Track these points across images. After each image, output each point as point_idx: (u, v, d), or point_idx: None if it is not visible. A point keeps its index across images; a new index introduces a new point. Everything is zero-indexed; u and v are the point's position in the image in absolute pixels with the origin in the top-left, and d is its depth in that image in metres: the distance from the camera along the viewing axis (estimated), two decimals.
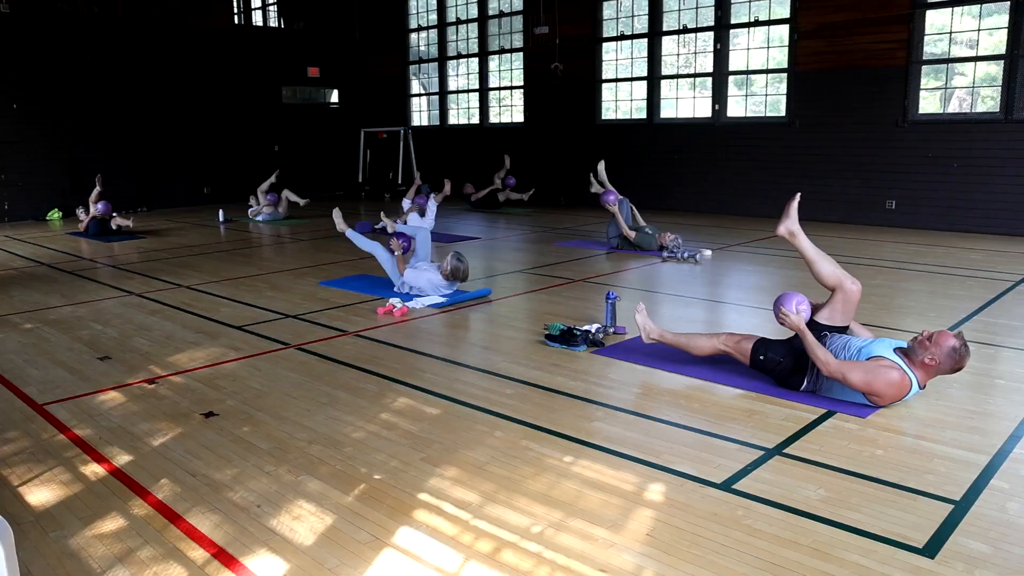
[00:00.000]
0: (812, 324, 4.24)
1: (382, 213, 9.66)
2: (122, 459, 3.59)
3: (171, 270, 8.52)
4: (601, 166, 9.65)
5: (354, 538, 2.84)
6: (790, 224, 4.44)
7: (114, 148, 14.68)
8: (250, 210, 13.28)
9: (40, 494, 3.27)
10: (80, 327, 6.08)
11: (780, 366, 4.27)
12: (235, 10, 16.72)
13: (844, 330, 4.28)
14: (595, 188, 9.63)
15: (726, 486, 3.18)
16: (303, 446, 3.67)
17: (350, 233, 7.39)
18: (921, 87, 10.72)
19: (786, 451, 3.51)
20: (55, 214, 13.94)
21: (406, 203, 10.51)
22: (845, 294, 4.22)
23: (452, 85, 17.14)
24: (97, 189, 11.53)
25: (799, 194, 4.62)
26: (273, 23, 18.06)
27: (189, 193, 15.76)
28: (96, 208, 11.39)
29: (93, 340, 5.68)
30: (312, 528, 2.92)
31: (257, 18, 17.88)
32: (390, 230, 8.23)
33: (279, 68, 16.91)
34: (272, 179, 13.25)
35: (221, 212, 13.12)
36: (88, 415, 4.17)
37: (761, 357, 4.33)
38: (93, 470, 3.49)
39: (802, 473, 3.29)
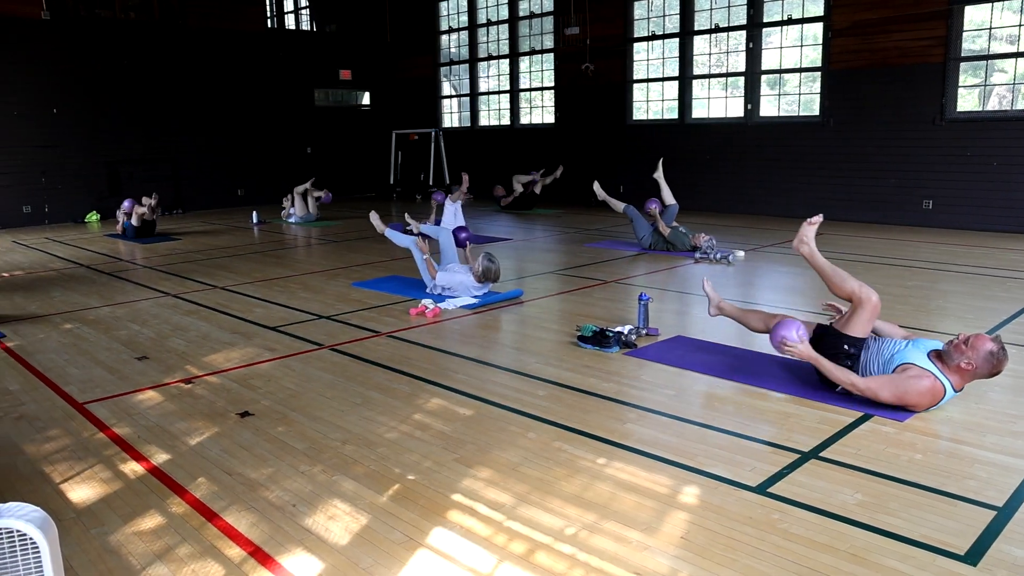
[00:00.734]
0: (836, 335, 4.17)
1: (406, 214, 9.69)
2: (160, 457, 3.65)
3: (206, 271, 8.64)
4: (660, 167, 9.63)
5: (388, 538, 2.86)
6: (805, 245, 4.51)
7: (150, 151, 14.93)
8: (283, 212, 13.42)
9: (81, 491, 3.33)
10: (118, 327, 6.18)
11: (844, 359, 4.09)
12: (268, 14, 16.90)
13: (862, 342, 4.16)
14: (601, 196, 9.69)
15: (761, 489, 3.15)
16: (337, 446, 3.70)
17: (388, 232, 7.44)
18: (959, 84, 10.53)
19: (822, 454, 3.47)
20: (93, 216, 14.20)
21: (449, 204, 10.61)
22: (870, 307, 4.12)
23: (483, 86, 17.18)
24: (153, 201, 11.70)
25: (821, 216, 4.66)
26: (305, 26, 18.23)
27: (223, 195, 15.97)
28: (132, 206, 11.58)
29: (131, 340, 5.78)
30: (347, 528, 2.94)
31: (290, 22, 18.06)
32: (415, 230, 8.26)
33: (311, 71, 17.08)
34: (307, 184, 13.36)
35: (254, 214, 13.28)
36: (127, 414, 4.24)
37: (846, 347, 4.11)
38: (132, 468, 3.55)
39: (838, 477, 3.25)
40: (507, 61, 16.39)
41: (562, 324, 5.90)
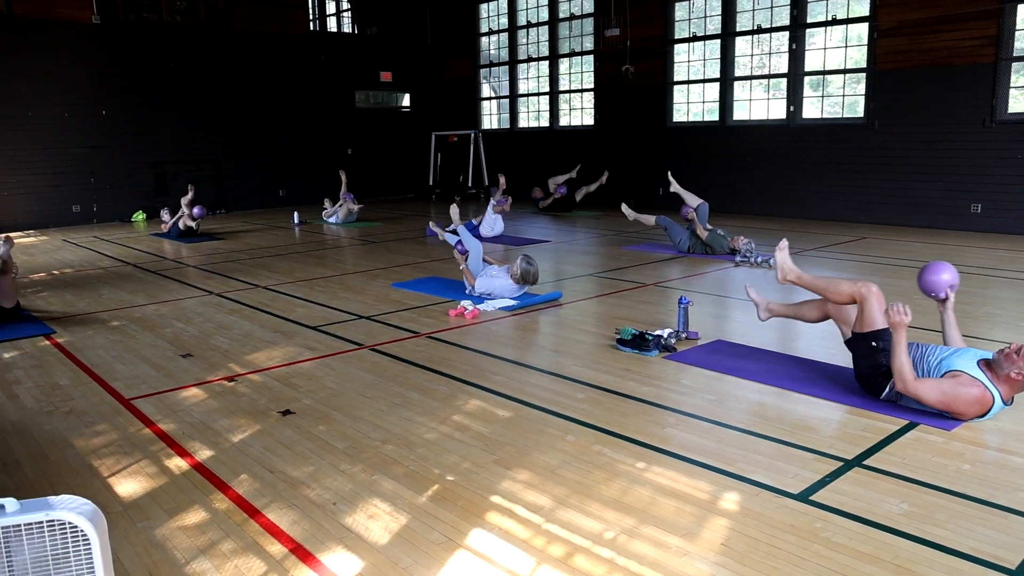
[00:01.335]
0: (859, 337, 4.11)
1: (431, 223, 9.77)
2: (204, 454, 3.71)
3: (248, 271, 8.77)
4: (672, 178, 9.55)
5: (427, 538, 2.87)
6: (788, 273, 4.55)
7: (195, 152, 15.21)
8: (324, 212, 13.57)
9: (128, 485, 3.40)
10: (163, 325, 6.30)
11: (879, 365, 4.04)
12: (310, 17, 17.11)
13: (887, 332, 4.08)
14: (631, 216, 9.72)
15: (803, 497, 3.11)
16: (377, 446, 3.73)
17: (461, 228, 7.49)
18: (1011, 85, 10.28)
19: (866, 463, 3.41)
20: (139, 216, 14.50)
21: (491, 206, 10.70)
22: (876, 296, 4.08)
23: (522, 88, 17.20)
24: (190, 196, 11.93)
25: (785, 241, 4.67)
26: (347, 29, 18.41)
27: (265, 195, 16.21)
28: (193, 211, 11.78)
29: (175, 338, 5.89)
30: (386, 527, 2.96)
31: (332, 24, 18.25)
32: (440, 237, 8.27)
33: (352, 73, 17.25)
34: (344, 181, 13.51)
35: (296, 214, 13.46)
36: (172, 410, 4.32)
37: (874, 343, 4.07)
38: (177, 464, 3.61)
39: (883, 486, 3.19)
40: (547, 63, 16.39)
41: (601, 327, 5.88)
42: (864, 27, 11.48)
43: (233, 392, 4.59)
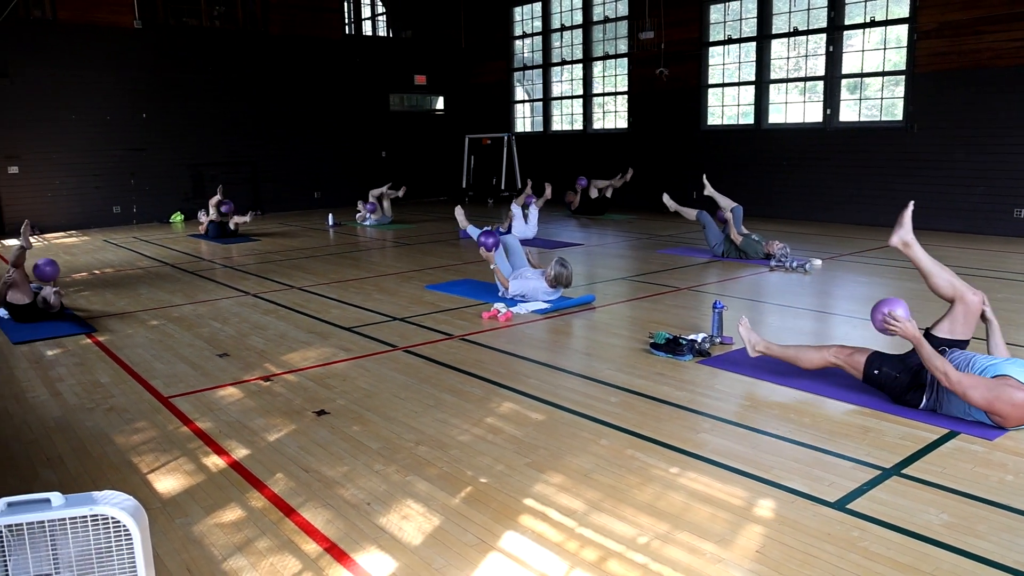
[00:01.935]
0: (930, 338, 4.04)
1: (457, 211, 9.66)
2: (240, 452, 3.76)
3: (283, 271, 8.87)
4: (706, 182, 9.47)
5: (461, 540, 2.88)
6: (904, 234, 4.28)
7: (232, 155, 15.42)
8: (358, 214, 13.68)
9: (166, 482, 3.45)
10: (201, 325, 6.39)
11: (896, 382, 4.08)
12: (346, 21, 17.27)
13: (964, 344, 4.06)
14: (672, 207, 9.71)
15: (840, 505, 3.07)
16: (411, 447, 3.75)
17: (471, 229, 7.46)
18: None
19: (904, 471, 3.36)
20: (177, 217, 14.74)
21: (515, 208, 10.70)
22: (966, 306, 4.02)
23: (556, 91, 17.20)
24: (218, 197, 12.16)
25: (912, 203, 4.44)
26: (382, 33, 18.56)
27: (300, 197, 16.38)
28: (222, 208, 11.99)
29: (212, 337, 5.97)
30: (420, 528, 2.97)
31: (367, 28, 18.41)
32: (462, 226, 8.07)
33: (387, 76, 17.38)
34: (384, 188, 13.61)
35: (330, 216, 13.58)
36: (209, 409, 4.38)
37: (875, 371, 4.15)
38: (214, 461, 3.66)
39: (923, 496, 3.14)
40: (580, 66, 16.37)
41: (634, 331, 5.85)
42: (903, 29, 11.31)
43: (269, 392, 4.65)
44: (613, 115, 16.06)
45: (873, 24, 11.64)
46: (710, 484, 3.28)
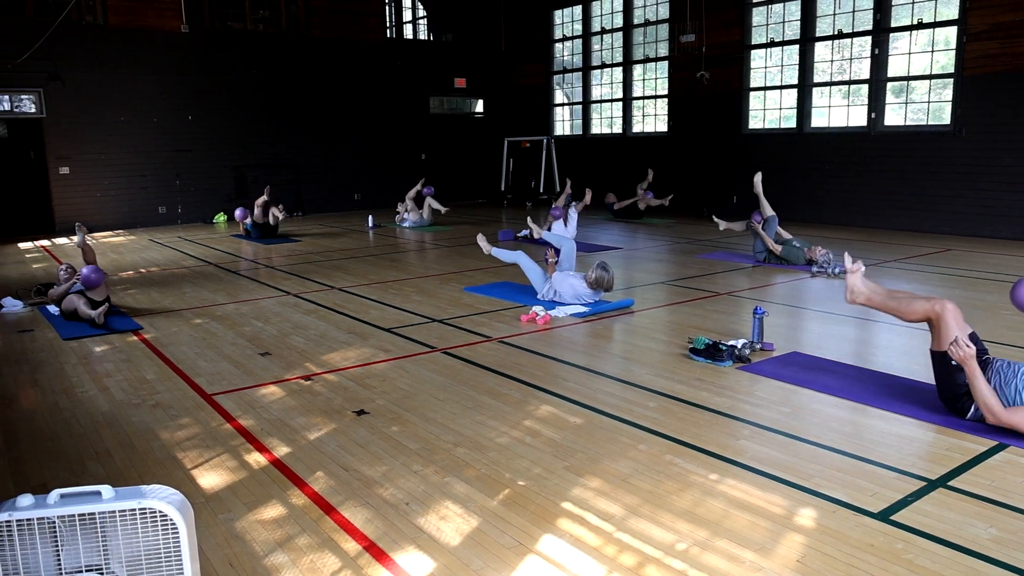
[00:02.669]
0: (939, 357, 3.95)
1: (528, 219, 9.81)
2: (281, 450, 3.81)
3: (324, 272, 8.97)
4: (758, 178, 9.33)
5: (498, 542, 2.89)
6: (855, 295, 4.40)
7: (274, 156, 15.64)
8: (397, 216, 13.78)
9: (210, 478, 3.51)
10: (243, 324, 6.50)
11: (958, 379, 3.90)
12: (387, 24, 17.42)
13: (978, 339, 3.93)
14: (723, 226, 9.69)
15: (883, 516, 3.02)
16: (449, 448, 3.77)
17: (495, 251, 7.49)
18: None
19: (951, 483, 3.29)
20: (220, 217, 14.98)
21: (555, 210, 10.69)
22: (943, 318, 3.91)
23: (595, 94, 17.16)
24: (264, 198, 12.33)
25: (860, 264, 4.49)
26: (423, 36, 18.69)
27: (341, 199, 16.56)
28: (237, 213, 12.20)
29: (254, 336, 6.06)
30: (458, 529, 2.99)
31: (408, 31, 18.56)
32: (535, 236, 8.24)
33: (427, 79, 17.50)
34: (418, 186, 13.70)
35: (370, 218, 13.71)
36: (251, 406, 4.45)
37: (953, 362, 3.90)
38: (256, 459, 3.72)
39: (970, 509, 3.07)
40: (620, 69, 16.32)
41: (673, 335, 5.82)
42: (952, 31, 11.09)
43: (309, 391, 4.70)
44: (653, 119, 15.97)
45: (921, 26, 11.43)
46: (750, 491, 3.25)
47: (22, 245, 12.35)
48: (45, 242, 12.66)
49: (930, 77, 11.56)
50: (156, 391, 4.78)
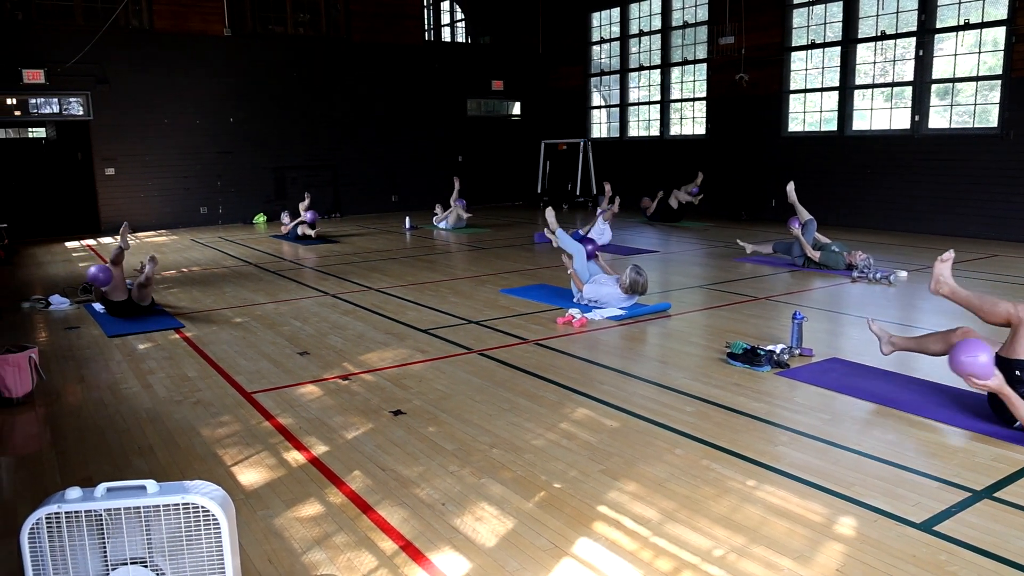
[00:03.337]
0: (1003, 361, 3.85)
1: (548, 210, 9.65)
2: (319, 449, 3.85)
3: (361, 273, 9.05)
4: (791, 188, 9.19)
5: (534, 544, 2.89)
6: (941, 286, 4.38)
7: (313, 158, 15.82)
8: (434, 218, 13.85)
9: (249, 475, 3.57)
10: (282, 323, 6.58)
11: (1019, 386, 3.80)
12: (425, 27, 17.54)
13: None
14: (750, 250, 9.62)
15: (926, 527, 2.96)
16: (485, 449, 3.78)
17: (560, 232, 7.47)
18: None
19: (997, 495, 3.22)
20: (260, 218, 15.19)
21: (602, 212, 10.71)
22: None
23: (633, 97, 17.09)
24: (307, 203, 12.49)
25: (952, 253, 4.51)
26: (460, 39, 18.78)
27: (378, 200, 16.70)
28: (305, 216, 12.31)
29: (293, 336, 6.14)
30: (494, 530, 3.00)
31: (446, 34, 18.66)
32: (554, 243, 8.08)
33: (465, 82, 17.57)
34: (457, 186, 13.75)
35: (407, 219, 13.80)
36: (290, 405, 4.51)
37: (1017, 372, 3.82)
38: (294, 457, 3.77)
39: (1017, 521, 3.00)
40: (658, 71, 16.23)
41: (710, 340, 5.77)
42: (1000, 31, 10.86)
43: (347, 390, 4.75)
44: (691, 121, 15.86)
45: (967, 27, 11.20)
46: (788, 498, 3.21)
47: (69, 244, 12.64)
48: (91, 241, 12.95)
49: (977, 79, 11.32)
50: (197, 388, 4.86)
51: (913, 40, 11.84)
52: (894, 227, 12.08)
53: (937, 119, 11.81)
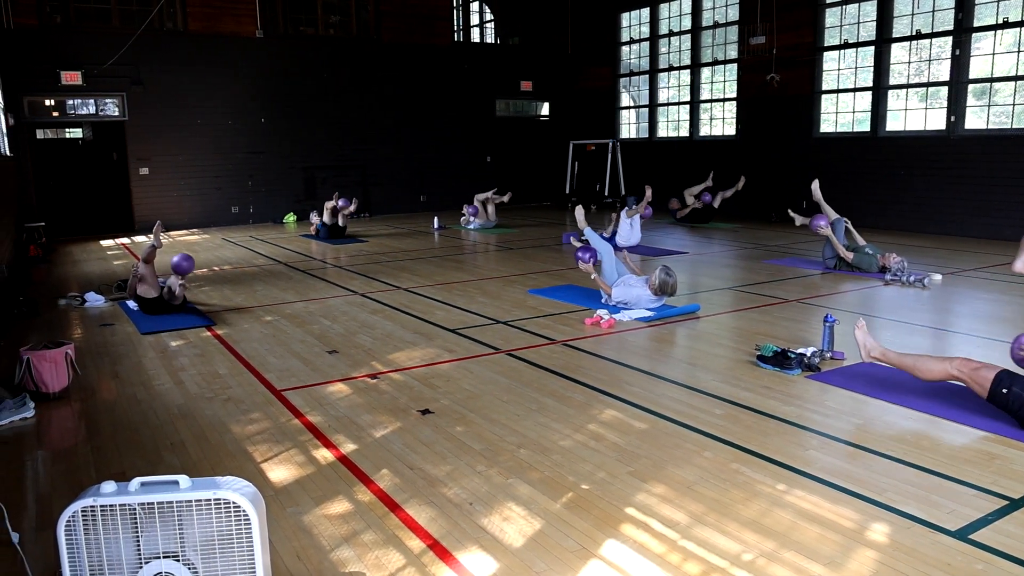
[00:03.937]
0: (997, 387, 3.81)
1: (578, 209, 9.57)
2: (348, 447, 3.87)
3: (390, 272, 9.09)
4: (816, 185, 9.08)
5: (561, 544, 2.89)
6: (871, 349, 4.42)
7: (342, 158, 15.94)
8: (462, 218, 13.89)
9: (279, 472, 3.60)
10: (311, 322, 6.63)
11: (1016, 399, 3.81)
12: (455, 28, 17.59)
13: None
14: (799, 221, 9.31)
15: (961, 535, 2.91)
16: (513, 449, 3.78)
17: (588, 230, 7.47)
18: None
19: None
20: (290, 217, 15.33)
21: (625, 218, 10.68)
22: (967, 380, 3.84)
23: (662, 97, 17.00)
24: (334, 203, 12.60)
25: (862, 320, 4.53)
26: (490, 39, 18.81)
27: (407, 200, 16.78)
28: (340, 202, 12.44)
29: (322, 334, 6.18)
30: (521, 531, 3.00)
31: (475, 35, 18.69)
32: (579, 225, 7.93)
33: (494, 82, 17.61)
34: (489, 193, 13.76)
35: (436, 219, 13.84)
36: (318, 403, 4.54)
37: (1004, 391, 3.88)
38: (323, 455, 3.79)
39: None
40: (688, 72, 16.14)
41: (739, 342, 5.72)
42: None
43: (376, 389, 4.78)
44: (721, 122, 15.75)
45: (1006, 25, 11.00)
46: (819, 503, 3.17)
47: (104, 243, 12.85)
48: (125, 240, 13.15)
49: (1015, 79, 11.11)
50: (228, 386, 4.91)
51: (949, 39, 11.65)
52: (928, 230, 11.90)
53: (974, 120, 11.62)
